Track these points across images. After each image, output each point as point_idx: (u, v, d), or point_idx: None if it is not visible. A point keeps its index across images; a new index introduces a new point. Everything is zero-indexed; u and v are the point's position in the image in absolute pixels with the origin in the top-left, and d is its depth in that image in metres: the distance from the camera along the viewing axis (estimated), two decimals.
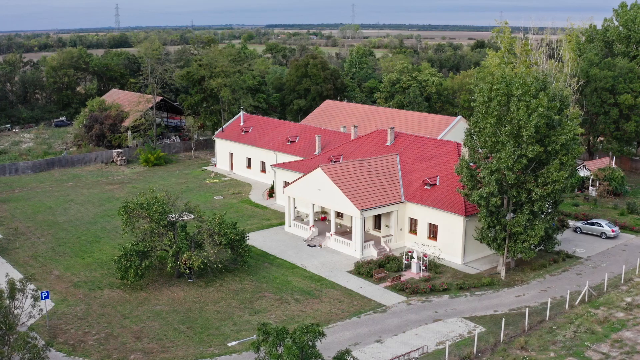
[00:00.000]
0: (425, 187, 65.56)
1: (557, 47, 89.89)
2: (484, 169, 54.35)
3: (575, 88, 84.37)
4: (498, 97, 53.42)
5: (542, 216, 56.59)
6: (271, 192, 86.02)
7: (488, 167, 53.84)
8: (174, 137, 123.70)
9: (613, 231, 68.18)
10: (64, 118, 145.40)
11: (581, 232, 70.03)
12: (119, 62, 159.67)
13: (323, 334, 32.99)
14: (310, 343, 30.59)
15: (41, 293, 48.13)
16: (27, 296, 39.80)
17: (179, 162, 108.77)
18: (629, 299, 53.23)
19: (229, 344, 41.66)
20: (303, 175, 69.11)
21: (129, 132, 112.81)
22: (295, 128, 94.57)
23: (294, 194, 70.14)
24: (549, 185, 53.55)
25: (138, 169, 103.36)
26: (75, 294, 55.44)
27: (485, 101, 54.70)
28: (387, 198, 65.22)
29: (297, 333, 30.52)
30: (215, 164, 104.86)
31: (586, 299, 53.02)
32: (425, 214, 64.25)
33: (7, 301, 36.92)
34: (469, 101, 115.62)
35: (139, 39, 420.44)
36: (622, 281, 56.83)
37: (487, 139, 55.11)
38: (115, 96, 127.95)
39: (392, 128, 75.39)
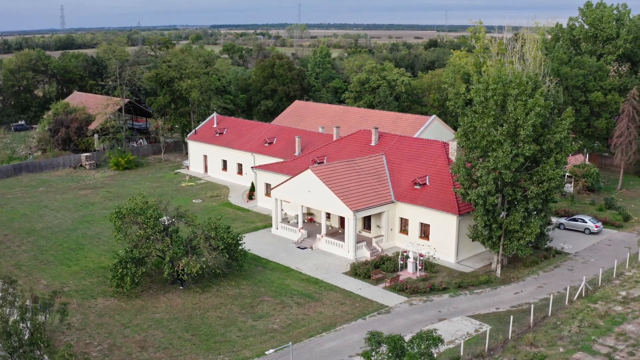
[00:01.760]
0: (415, 186, 65.74)
1: (529, 46, 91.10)
2: (481, 169, 54.77)
3: (551, 87, 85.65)
4: (495, 97, 53.91)
5: (535, 213, 57.36)
6: (251, 195, 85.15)
7: (485, 166, 54.31)
8: (141, 140, 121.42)
9: (596, 227, 69.65)
10: (23, 122, 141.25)
11: (564, 228, 71.28)
12: (77, 64, 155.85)
13: (442, 341, 33.04)
14: (429, 351, 30.28)
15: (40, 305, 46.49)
16: (52, 310, 38.60)
17: (150, 166, 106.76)
18: (623, 293, 54.39)
19: (267, 352, 40.57)
20: (291, 177, 68.56)
21: (96, 136, 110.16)
22: (272, 129, 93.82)
23: (282, 196, 69.53)
24: (544, 183, 54.35)
25: (109, 173, 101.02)
26: (68, 303, 53.63)
27: (481, 101, 55.09)
28: (378, 198, 65.20)
29: (416, 341, 30.18)
30: (188, 167, 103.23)
31: (583, 294, 53.98)
32: (416, 214, 64.44)
33: (40, 317, 35.60)
34: (439, 100, 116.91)
35: (85, 40, 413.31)
36: (614, 275, 58.07)
37: (482, 138, 55.57)
38: (79, 99, 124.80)
39: (376, 128, 75.46)
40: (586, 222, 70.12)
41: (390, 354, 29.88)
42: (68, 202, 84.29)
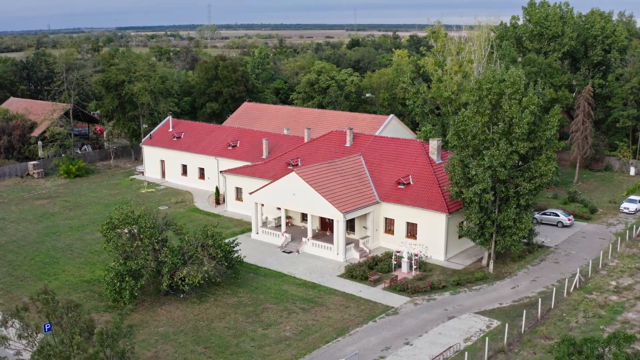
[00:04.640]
0: (399, 186, 66.03)
1: (484, 45, 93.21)
2: (475, 167, 55.55)
3: (537, 86, 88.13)
4: (490, 96, 54.82)
5: (525, 209, 58.71)
6: (217, 199, 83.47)
7: (481, 164, 55.16)
8: (85, 146, 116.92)
9: (569, 220, 72.00)
10: None
11: (537, 222, 73.22)
12: (5, 69, 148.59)
13: (636, 339, 33.07)
14: (626, 352, 30.25)
15: (44, 325, 43.86)
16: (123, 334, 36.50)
17: (101, 173, 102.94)
18: (614, 283, 56.55)
19: None
20: (272, 181, 67.59)
21: (40, 143, 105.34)
22: (233, 132, 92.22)
23: (262, 199, 68.44)
24: (536, 179, 55.75)
25: (60, 181, 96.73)
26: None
27: (476, 100, 55.90)
28: (363, 199, 65.15)
29: (614, 341, 30.09)
30: (142, 173, 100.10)
31: (577, 286, 55.70)
32: (402, 214, 64.74)
33: (123, 344, 33.55)
34: (388, 99, 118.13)
35: None
36: (600, 266, 60.20)
37: (473, 137, 56.40)
38: (17, 105, 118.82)
39: (351, 129, 75.37)
40: (559, 216, 72.36)
41: (585, 358, 29.74)
42: (26, 213, 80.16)
